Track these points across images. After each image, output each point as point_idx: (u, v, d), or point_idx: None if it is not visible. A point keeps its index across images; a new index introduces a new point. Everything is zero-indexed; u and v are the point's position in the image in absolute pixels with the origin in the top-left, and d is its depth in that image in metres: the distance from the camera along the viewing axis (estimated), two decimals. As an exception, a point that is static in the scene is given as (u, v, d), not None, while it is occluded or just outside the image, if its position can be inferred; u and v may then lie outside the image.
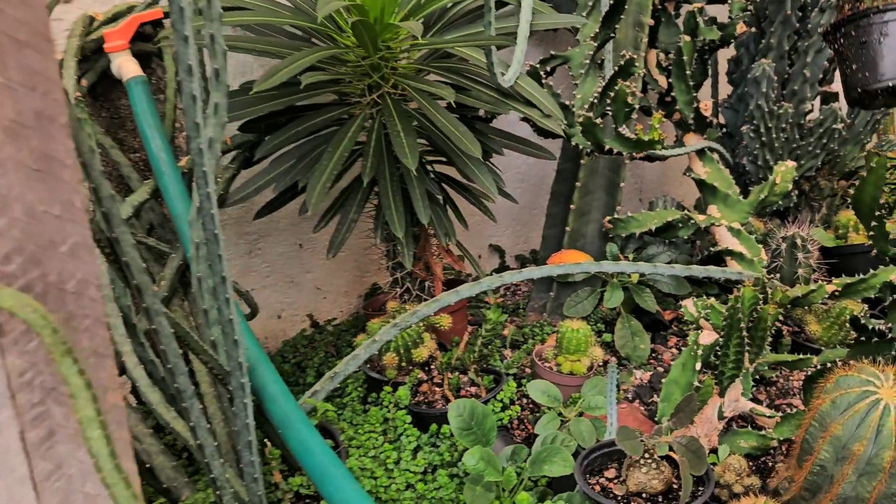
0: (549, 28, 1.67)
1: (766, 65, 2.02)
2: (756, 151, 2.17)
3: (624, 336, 1.89)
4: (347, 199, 1.66)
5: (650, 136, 1.49)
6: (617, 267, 1.55)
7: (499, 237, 2.55)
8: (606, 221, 2.01)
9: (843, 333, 1.68)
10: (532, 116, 1.48)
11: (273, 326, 2.10)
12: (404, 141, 1.36)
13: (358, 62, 1.56)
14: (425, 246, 1.81)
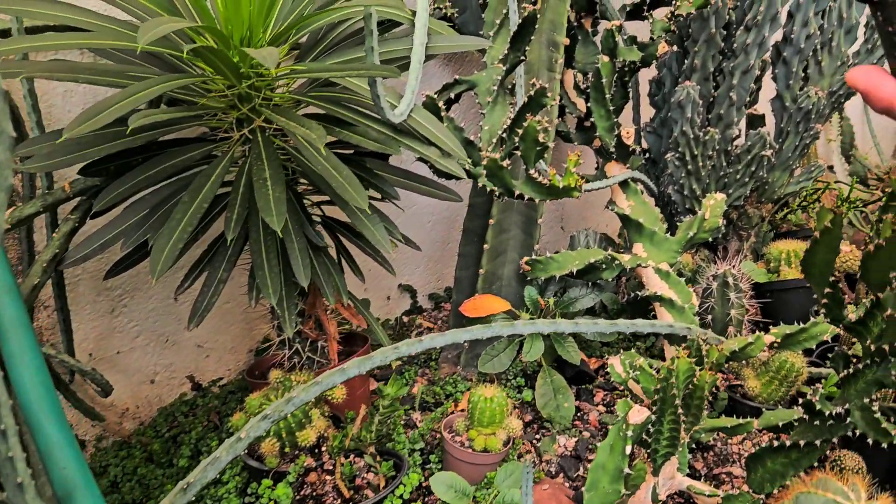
0: (449, 52, 1.45)
1: (690, 88, 1.85)
2: (682, 180, 2.00)
3: (546, 394, 1.68)
4: (216, 253, 1.39)
5: (565, 182, 1.28)
6: (533, 327, 1.33)
7: (409, 275, 2.32)
8: (524, 263, 1.80)
9: (784, 389, 1.51)
10: (429, 156, 1.25)
11: (145, 393, 1.81)
12: (270, 193, 1.11)
13: (223, 92, 1.30)
14: (315, 302, 1.56)
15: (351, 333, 1.78)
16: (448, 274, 2.39)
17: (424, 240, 2.31)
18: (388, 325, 2.22)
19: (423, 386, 1.82)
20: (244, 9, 1.22)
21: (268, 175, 1.16)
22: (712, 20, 1.83)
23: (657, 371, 1.57)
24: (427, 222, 2.29)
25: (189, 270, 1.43)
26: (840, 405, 1.05)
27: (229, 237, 1.20)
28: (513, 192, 1.36)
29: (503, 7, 1.69)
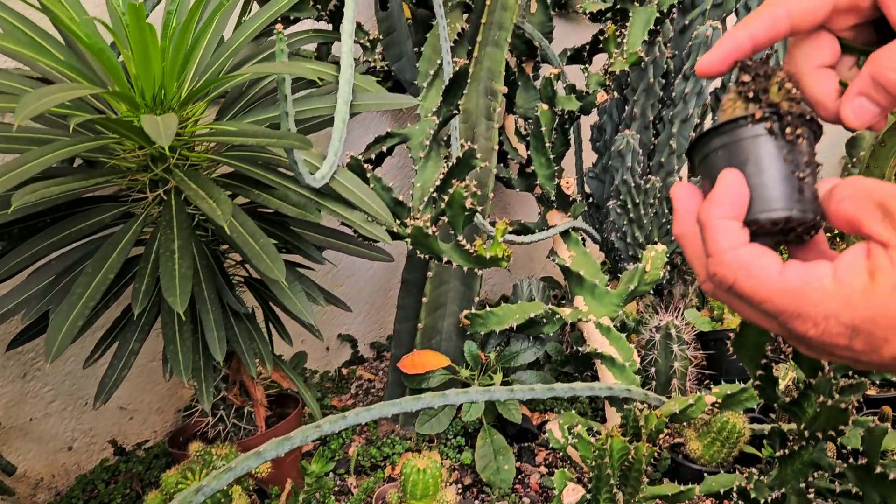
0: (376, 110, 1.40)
1: (629, 136, 1.83)
2: (624, 228, 1.97)
3: (486, 455, 1.62)
4: (128, 321, 1.30)
5: (492, 253, 1.23)
6: (466, 396, 1.27)
7: (350, 325, 2.24)
8: (463, 317, 1.74)
9: (726, 451, 1.48)
10: (353, 221, 1.19)
11: (62, 461, 1.70)
12: (177, 268, 1.04)
13: (133, 152, 1.23)
14: (240, 367, 1.48)
15: (282, 394, 1.69)
16: (390, 321, 2.32)
17: (365, 287, 2.24)
18: (327, 378, 2.14)
19: (359, 447, 1.75)
20: (155, 66, 1.15)
21: (176, 247, 1.08)
22: (650, 69, 1.81)
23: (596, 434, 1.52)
24: (367, 269, 2.23)
25: (100, 339, 1.34)
26: (777, 488, 1.01)
27: (136, 310, 1.11)
28: (441, 259, 1.30)
29: (437, 57, 1.64)
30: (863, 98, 0.47)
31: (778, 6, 0.49)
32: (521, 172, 2.03)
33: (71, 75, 1.18)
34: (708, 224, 0.45)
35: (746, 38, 0.49)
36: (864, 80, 0.47)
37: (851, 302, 0.41)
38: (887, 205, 0.42)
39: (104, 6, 1.56)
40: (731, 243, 0.44)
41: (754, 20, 0.49)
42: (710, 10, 1.83)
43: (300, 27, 1.61)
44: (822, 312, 0.42)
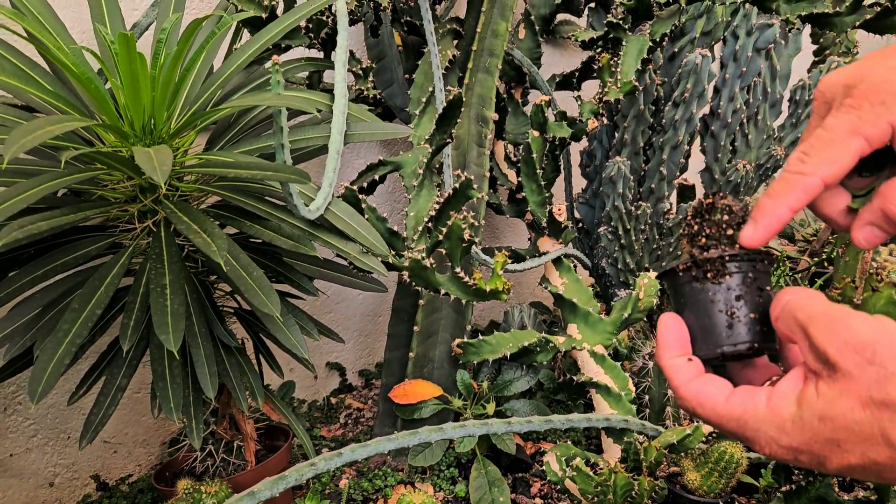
0: (370, 140, 1.38)
1: (620, 163, 1.83)
2: (615, 254, 1.97)
3: (480, 487, 1.59)
4: (115, 356, 1.27)
5: (491, 286, 1.21)
6: (463, 430, 1.25)
7: (339, 352, 2.21)
8: (455, 346, 1.72)
9: (724, 481, 1.46)
10: (348, 253, 1.17)
11: (43, 497, 1.64)
12: (168, 304, 1.01)
13: (122, 182, 1.20)
14: (230, 400, 1.45)
15: (272, 426, 1.66)
16: (380, 347, 2.29)
17: (355, 313, 2.22)
18: (315, 407, 2.10)
19: (350, 479, 1.71)
20: (145, 96, 1.13)
21: (167, 281, 1.05)
22: (640, 97, 1.82)
23: (593, 467, 1.50)
24: (357, 294, 2.20)
25: (86, 374, 1.30)
26: (782, 524, 0.99)
27: (125, 347, 1.08)
28: (439, 291, 1.28)
29: (429, 84, 1.64)
30: (872, 227, 0.53)
31: (810, 175, 0.51)
32: (512, 198, 2.02)
33: (58, 105, 1.15)
34: (662, 364, 0.54)
35: (787, 211, 0.53)
36: (873, 211, 0.52)
37: (784, 429, 0.46)
38: (809, 331, 0.46)
39: (91, 34, 1.54)
40: (682, 378, 0.52)
41: (792, 192, 0.52)
42: (698, 38, 1.85)
43: (292, 55, 1.59)
44: (762, 437, 0.47)
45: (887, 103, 0.49)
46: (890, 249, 3.14)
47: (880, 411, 0.43)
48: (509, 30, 1.88)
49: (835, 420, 0.44)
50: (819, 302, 0.48)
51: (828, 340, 0.45)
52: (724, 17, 1.85)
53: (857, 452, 0.45)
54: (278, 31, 1.31)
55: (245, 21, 1.42)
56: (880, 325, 0.44)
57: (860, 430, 0.44)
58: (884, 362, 0.42)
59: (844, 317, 0.45)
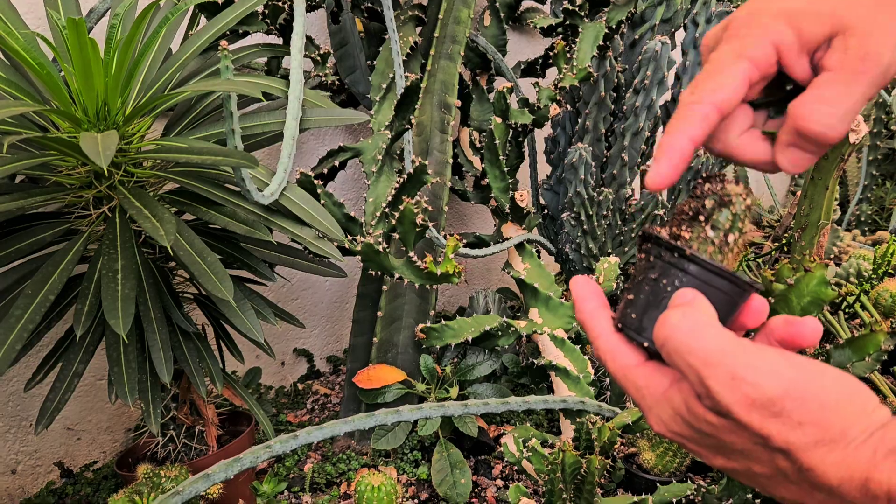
0: (326, 126, 1.39)
1: (582, 149, 1.85)
2: (578, 239, 1.99)
3: (442, 470, 1.61)
4: (71, 343, 1.27)
5: (443, 269, 1.23)
6: (420, 413, 1.26)
7: (306, 339, 2.22)
8: (419, 331, 1.74)
9: (679, 460, 1.50)
10: (303, 238, 1.18)
11: (5, 485, 1.64)
12: (119, 289, 1.01)
13: (76, 168, 1.20)
14: (190, 386, 1.45)
15: (235, 412, 1.67)
16: (347, 334, 2.30)
17: (321, 300, 2.22)
18: (282, 393, 2.11)
19: (315, 463, 1.73)
20: (98, 81, 1.13)
21: (119, 266, 1.06)
22: (602, 83, 1.84)
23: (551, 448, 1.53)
24: (324, 282, 2.21)
25: (42, 361, 1.30)
26: (724, 499, 1.02)
27: (78, 332, 1.09)
28: (393, 275, 1.30)
29: (390, 70, 1.64)
30: (793, 148, 0.51)
31: (702, 103, 0.50)
32: (477, 185, 2.04)
33: (10, 91, 1.15)
34: (581, 317, 0.54)
35: (688, 142, 0.50)
36: (789, 132, 0.50)
37: (676, 420, 0.48)
38: (707, 383, 0.44)
39: (45, 20, 1.53)
40: (601, 330, 0.53)
41: (688, 123, 0.51)
42: (658, 25, 1.87)
43: (249, 41, 1.59)
44: (654, 415, 0.49)
45: (764, 25, 0.50)
46: (853, 235, 3.20)
47: (773, 454, 0.44)
48: (472, 17, 1.89)
49: (725, 444, 0.47)
50: (708, 339, 0.45)
51: (731, 399, 0.43)
52: (684, 5, 1.87)
53: (742, 467, 0.48)
54: (234, 17, 1.31)
55: (201, 6, 1.42)
56: (786, 374, 0.43)
57: (750, 455, 0.46)
58: (790, 415, 0.42)
59: (746, 365, 0.43)
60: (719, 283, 0.50)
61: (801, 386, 0.43)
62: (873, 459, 0.42)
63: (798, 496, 0.47)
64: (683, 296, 0.49)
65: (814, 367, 0.44)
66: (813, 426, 0.42)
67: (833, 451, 0.42)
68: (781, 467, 0.45)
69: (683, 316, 0.46)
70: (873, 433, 0.42)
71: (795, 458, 0.43)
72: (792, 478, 0.45)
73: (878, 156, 3.25)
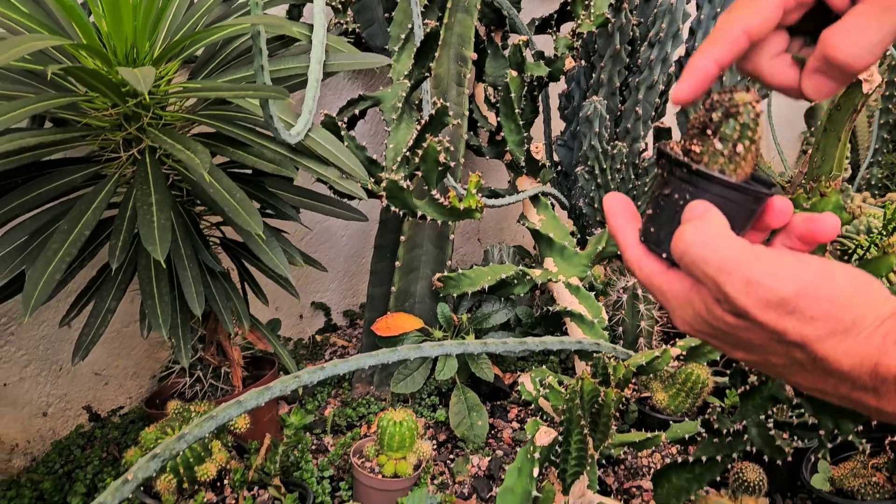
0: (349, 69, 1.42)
1: (597, 102, 1.87)
2: (592, 193, 2.02)
3: (459, 412, 1.66)
4: (104, 280, 1.31)
5: (466, 204, 1.26)
6: (441, 349, 1.30)
7: (323, 292, 2.26)
8: (436, 280, 1.78)
9: (691, 401, 1.54)
10: (328, 177, 1.21)
11: (38, 426, 1.70)
12: (155, 219, 1.05)
13: (107, 111, 1.23)
14: (216, 327, 1.50)
15: (258, 356, 1.72)
16: (363, 289, 2.35)
17: (338, 255, 2.26)
18: (300, 345, 2.16)
19: (335, 408, 1.78)
20: (126, 24, 1.16)
21: (153, 200, 1.10)
22: (617, 36, 1.85)
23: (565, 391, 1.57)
24: (341, 237, 2.25)
25: (76, 299, 1.34)
26: (738, 421, 1.06)
27: (113, 265, 1.13)
28: (415, 213, 1.33)
29: (408, 21, 1.66)
30: (819, 75, 0.53)
31: (734, 26, 0.53)
32: (491, 140, 2.06)
33: (39, 31, 1.18)
34: (611, 231, 0.58)
35: (712, 64, 0.53)
36: (817, 59, 0.52)
37: (697, 319, 0.52)
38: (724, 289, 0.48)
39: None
40: (629, 243, 0.56)
41: (716, 44, 0.53)
42: (674, -23, 1.88)
43: (271, -9, 1.61)
44: (679, 316, 0.54)
45: None
46: (864, 197, 3.22)
47: (789, 347, 0.48)
48: (488, -30, 1.90)
49: (744, 340, 0.50)
50: (722, 249, 0.48)
51: (747, 301, 0.47)
52: (699, -42, 1.88)
53: (760, 359, 0.52)
54: (258, -37, 1.33)
55: (225, -46, 1.44)
56: (798, 275, 0.46)
57: (767, 349, 0.50)
58: (804, 311, 0.46)
59: (759, 270, 0.46)
60: (729, 194, 0.52)
61: (813, 284, 0.46)
62: (883, 346, 0.45)
63: (813, 382, 0.50)
64: (695, 209, 0.51)
65: (825, 265, 0.47)
66: (825, 320, 0.46)
67: (844, 341, 0.46)
68: (797, 358, 0.48)
69: (696, 230, 0.49)
70: (884, 321, 0.46)
71: (810, 349, 0.47)
72: (807, 366, 0.49)
73: (889, 120, 3.25)
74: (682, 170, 0.52)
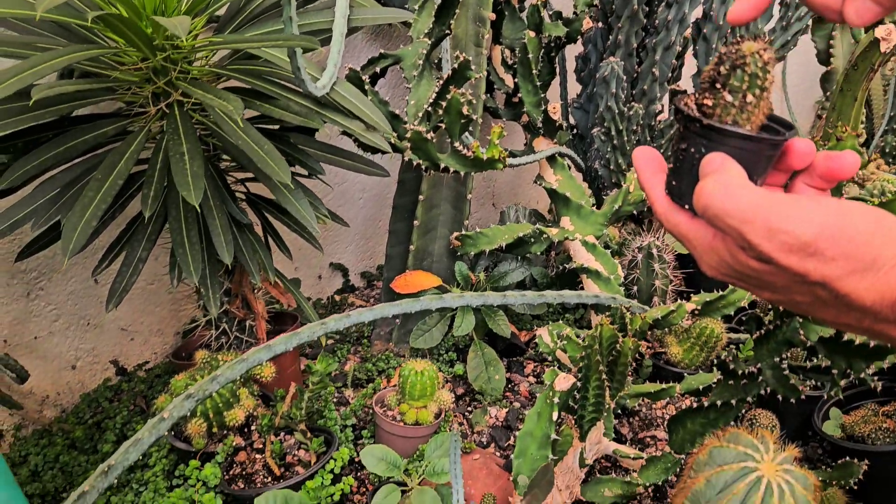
0: (373, 24, 1.44)
1: (614, 63, 1.88)
2: (608, 155, 2.04)
3: (477, 367, 1.70)
4: (135, 231, 1.35)
5: (489, 154, 1.28)
6: (462, 300, 1.33)
7: (341, 254, 2.30)
8: (454, 238, 1.81)
9: (705, 354, 1.57)
10: (353, 130, 1.24)
11: (66, 379, 1.75)
12: (187, 166, 1.08)
13: (136, 65, 1.26)
14: (242, 280, 1.54)
15: (280, 313, 1.76)
16: (380, 251, 2.38)
17: (356, 217, 2.30)
18: (319, 305, 2.20)
19: (355, 364, 1.82)
20: (156, -22, 1.18)
21: (185, 150, 1.13)
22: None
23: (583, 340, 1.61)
24: (358, 199, 2.28)
25: (107, 251, 1.38)
26: (753, 365, 1.10)
27: (146, 213, 1.16)
28: (438, 165, 1.35)
29: (428, -20, 1.67)
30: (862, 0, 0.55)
31: None
32: (508, 102, 2.08)
33: (72, -14, 1.20)
34: (641, 183, 0.61)
35: None
36: None
37: (722, 264, 0.56)
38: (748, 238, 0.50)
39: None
40: (657, 195, 0.60)
41: None
42: (692, -63, 1.87)
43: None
44: (705, 262, 0.57)
45: None
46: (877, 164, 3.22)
47: (812, 287, 0.50)
48: (506, -69, 1.91)
49: (769, 282, 0.53)
50: (741, 199, 0.50)
51: (770, 247, 0.49)
52: (718, -83, 1.87)
53: (785, 298, 0.55)
54: (282, -81, 1.34)
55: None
56: (817, 218, 0.48)
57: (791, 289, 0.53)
58: (824, 253, 0.48)
59: (780, 216, 0.48)
60: (743, 144, 0.54)
61: (832, 226, 0.48)
62: None
63: (837, 317, 0.53)
64: (712, 162, 0.54)
65: (843, 206, 0.50)
66: (845, 259, 0.48)
67: (865, 278, 0.48)
68: (820, 296, 0.51)
69: (716, 183, 0.51)
70: None
71: (832, 287, 0.49)
72: (830, 303, 0.52)
73: (905, 86, 3.24)
74: (695, 124, 0.54)
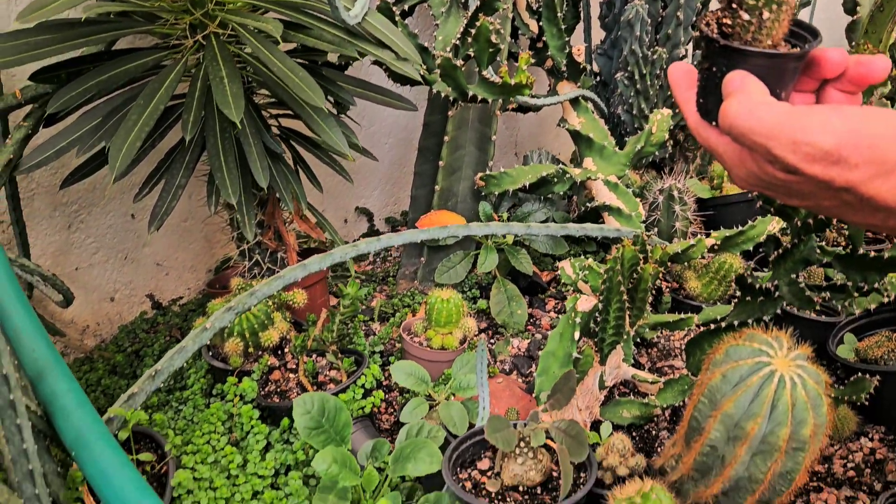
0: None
1: (639, 6, 1.90)
2: (631, 100, 2.06)
3: (500, 302, 1.75)
4: (173, 160, 1.40)
5: (517, 80, 1.32)
6: (487, 229, 1.38)
7: (367, 198, 2.35)
8: (478, 178, 1.85)
9: (723, 289, 1.61)
10: (384, 59, 1.28)
11: (106, 310, 1.83)
12: (227, 88, 1.13)
13: None
14: (274, 212, 1.59)
15: (309, 249, 1.81)
16: (405, 197, 2.43)
17: (382, 161, 2.34)
18: (346, 247, 2.25)
19: (381, 300, 1.88)
20: None
21: (224, 74, 1.17)
22: (661, -62, 1.86)
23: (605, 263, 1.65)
24: (384, 143, 2.32)
25: (147, 179, 1.44)
26: (770, 283, 1.13)
27: (187, 137, 1.21)
28: (466, 94, 1.39)
29: (456, -80, 1.69)
30: None
31: None
32: (532, 47, 2.10)
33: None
34: (676, 99, 0.66)
35: None
36: None
37: (749, 175, 0.60)
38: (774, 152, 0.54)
39: None
40: (690, 110, 0.64)
41: None
42: None
43: None
44: (735, 173, 0.62)
45: None
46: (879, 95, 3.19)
47: (838, 192, 0.54)
48: None
49: (797, 190, 0.57)
50: (765, 116, 0.53)
51: (795, 159, 0.52)
52: None
53: (813, 203, 0.58)
54: None
55: None
56: (838, 128, 0.51)
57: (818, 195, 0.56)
58: (847, 160, 0.51)
59: (802, 129, 0.51)
60: (762, 61, 0.56)
61: (853, 134, 0.51)
62: None
63: (863, 218, 0.58)
64: (732, 81, 0.57)
65: (864, 113, 0.52)
66: (867, 164, 0.52)
67: (889, 181, 0.52)
68: (846, 200, 0.55)
69: (739, 102, 0.55)
70: None
71: (857, 191, 0.53)
72: (856, 206, 0.56)
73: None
74: (714, 44, 0.57)
